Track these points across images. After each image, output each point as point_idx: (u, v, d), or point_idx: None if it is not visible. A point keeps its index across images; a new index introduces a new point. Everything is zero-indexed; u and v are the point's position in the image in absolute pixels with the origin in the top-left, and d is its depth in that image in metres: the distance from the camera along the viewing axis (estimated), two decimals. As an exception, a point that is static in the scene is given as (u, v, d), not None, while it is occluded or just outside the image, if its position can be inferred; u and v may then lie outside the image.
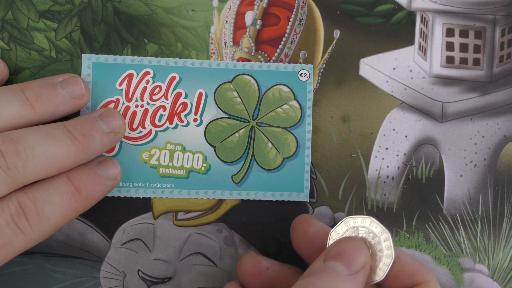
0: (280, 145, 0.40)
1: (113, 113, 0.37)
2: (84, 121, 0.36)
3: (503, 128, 0.42)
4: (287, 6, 0.41)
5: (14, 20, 0.39)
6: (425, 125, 0.42)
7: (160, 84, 0.39)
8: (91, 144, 0.35)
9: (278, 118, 0.40)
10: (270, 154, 0.40)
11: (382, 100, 0.41)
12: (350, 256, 0.33)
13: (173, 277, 0.40)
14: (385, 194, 0.41)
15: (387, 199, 0.41)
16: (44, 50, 0.39)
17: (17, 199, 0.34)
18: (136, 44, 0.40)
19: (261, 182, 0.40)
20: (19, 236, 0.33)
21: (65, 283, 0.40)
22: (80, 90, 0.37)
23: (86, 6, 0.40)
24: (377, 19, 0.41)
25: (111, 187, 0.37)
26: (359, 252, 0.33)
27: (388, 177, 0.41)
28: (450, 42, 0.42)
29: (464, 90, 0.42)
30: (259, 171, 0.40)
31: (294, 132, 0.40)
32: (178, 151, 0.39)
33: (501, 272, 0.42)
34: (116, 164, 0.38)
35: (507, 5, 0.42)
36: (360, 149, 0.41)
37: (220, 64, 0.40)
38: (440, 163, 0.42)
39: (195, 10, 0.40)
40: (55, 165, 0.34)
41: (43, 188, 0.34)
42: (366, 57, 0.41)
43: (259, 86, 0.40)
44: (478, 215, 0.42)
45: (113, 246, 0.40)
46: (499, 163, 0.42)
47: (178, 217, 0.40)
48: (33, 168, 0.33)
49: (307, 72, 0.40)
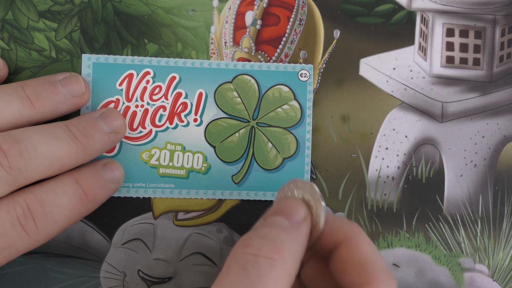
0: (280, 145, 0.40)
1: (113, 113, 0.37)
2: (85, 121, 0.36)
3: (503, 128, 0.42)
4: (287, 6, 0.41)
5: (14, 20, 0.39)
6: (425, 125, 0.42)
7: (160, 84, 0.39)
8: (92, 145, 0.35)
9: (278, 118, 0.40)
10: (270, 154, 0.40)
11: (382, 100, 0.41)
12: (290, 209, 0.32)
13: (173, 277, 0.40)
14: (385, 194, 0.41)
15: (387, 199, 0.41)
16: (44, 50, 0.39)
17: (25, 200, 0.33)
18: (136, 44, 0.40)
19: (261, 182, 0.40)
20: (24, 239, 0.33)
21: (66, 283, 0.40)
22: (80, 89, 0.37)
23: (86, 6, 0.40)
24: (377, 19, 0.41)
25: (114, 191, 0.37)
26: (298, 205, 0.33)
27: (388, 177, 0.41)
28: (450, 42, 0.42)
29: (464, 90, 0.42)
30: (259, 171, 0.40)
31: (294, 132, 0.40)
32: (178, 151, 0.39)
33: (501, 272, 0.42)
34: (120, 167, 0.38)
35: (507, 5, 0.42)
36: (360, 149, 0.41)
37: (220, 64, 0.40)
38: (440, 163, 0.42)
39: (195, 10, 0.40)
40: (57, 165, 0.34)
41: (52, 190, 0.34)
42: (366, 57, 0.41)
43: (259, 86, 0.40)
44: (478, 215, 0.42)
45: (113, 246, 0.40)
46: (499, 163, 0.42)
47: (178, 217, 0.40)
48: (36, 168, 0.33)
49: (307, 72, 0.40)
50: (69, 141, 0.34)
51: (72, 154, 0.35)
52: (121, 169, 0.38)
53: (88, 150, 0.35)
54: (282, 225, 0.31)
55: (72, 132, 0.35)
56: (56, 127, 0.35)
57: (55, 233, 0.34)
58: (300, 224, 0.32)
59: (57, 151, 0.34)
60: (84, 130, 0.35)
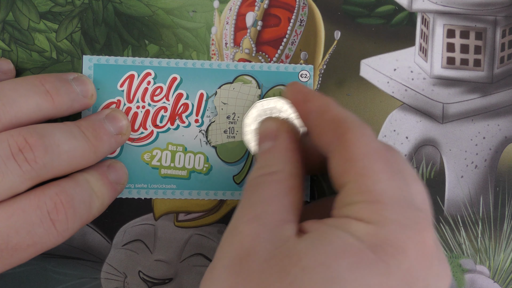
0: (281, 146, 0.40)
1: (119, 114, 0.37)
2: (93, 122, 0.36)
3: (504, 129, 0.42)
4: (287, 7, 0.41)
5: (15, 21, 0.39)
6: (426, 126, 0.42)
7: (161, 85, 0.39)
8: (101, 146, 0.35)
9: (279, 119, 0.40)
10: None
11: (383, 101, 0.41)
12: (263, 131, 0.36)
13: (174, 278, 0.40)
14: (386, 195, 0.41)
15: (388, 200, 0.41)
16: (45, 51, 0.39)
17: (57, 195, 0.33)
18: (137, 45, 0.40)
19: (263, 183, 0.40)
20: (51, 235, 0.33)
21: (66, 284, 0.39)
22: (90, 90, 0.37)
23: (87, 7, 0.40)
24: (378, 20, 0.41)
25: (119, 192, 0.37)
26: (267, 123, 0.36)
27: (389, 178, 0.41)
28: (451, 43, 0.42)
29: (465, 91, 0.42)
30: (260, 172, 0.40)
31: (295, 133, 0.40)
32: (179, 151, 0.39)
33: (502, 273, 0.42)
34: (124, 168, 0.38)
35: (507, 6, 0.42)
36: (361, 150, 0.41)
37: (221, 65, 0.40)
38: (441, 164, 0.42)
39: (195, 11, 0.40)
40: (73, 164, 0.34)
41: (75, 188, 0.34)
42: (366, 58, 0.41)
43: (259, 87, 0.40)
44: (479, 216, 0.42)
45: (114, 247, 0.40)
46: (500, 164, 0.42)
47: (179, 218, 0.40)
48: (57, 165, 0.33)
49: (308, 72, 0.40)
50: (83, 141, 0.34)
51: (85, 155, 0.34)
52: (125, 170, 0.38)
53: (98, 152, 0.35)
54: (266, 147, 0.35)
55: (84, 133, 0.35)
56: (71, 126, 0.35)
57: (76, 231, 0.34)
58: (278, 135, 0.35)
59: (76, 150, 0.34)
60: (94, 131, 0.35)
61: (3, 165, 0.31)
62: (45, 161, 0.32)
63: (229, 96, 0.40)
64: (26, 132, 0.32)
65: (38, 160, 0.32)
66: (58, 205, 0.33)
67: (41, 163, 0.32)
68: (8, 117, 0.33)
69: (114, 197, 0.37)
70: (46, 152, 0.32)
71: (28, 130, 0.33)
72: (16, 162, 0.32)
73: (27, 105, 0.34)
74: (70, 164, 0.34)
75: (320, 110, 0.33)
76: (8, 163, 0.32)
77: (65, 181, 0.34)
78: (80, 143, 0.34)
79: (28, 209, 0.32)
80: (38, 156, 0.32)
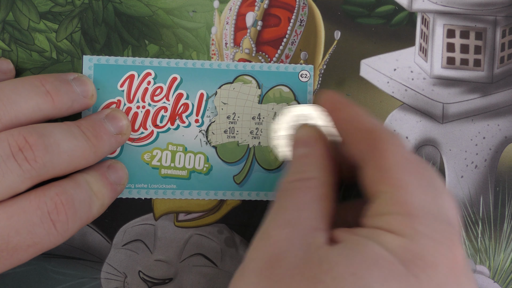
0: (281, 146, 0.40)
1: (119, 114, 0.37)
2: (93, 122, 0.36)
3: (504, 129, 0.42)
4: (287, 7, 0.41)
5: (15, 21, 0.39)
6: (426, 126, 0.42)
7: (161, 85, 0.39)
8: (102, 146, 0.35)
9: (279, 119, 0.40)
10: (271, 154, 0.40)
11: (383, 101, 0.41)
12: (299, 137, 0.36)
13: (174, 278, 0.40)
14: (386, 195, 0.41)
15: (388, 200, 0.41)
16: (45, 51, 0.39)
17: (58, 196, 0.33)
18: (137, 45, 0.40)
19: (263, 183, 0.40)
20: (51, 235, 0.33)
21: (66, 284, 0.39)
22: (91, 90, 0.37)
23: (87, 7, 0.40)
24: (378, 20, 0.41)
25: (119, 192, 0.37)
26: (304, 130, 0.36)
27: (389, 178, 0.41)
28: (451, 43, 0.42)
29: (465, 91, 0.42)
30: (261, 172, 0.40)
31: (295, 133, 0.40)
32: (179, 152, 0.39)
33: (502, 274, 0.42)
34: (124, 168, 0.38)
35: (507, 6, 0.42)
36: (361, 150, 0.41)
37: (221, 65, 0.40)
38: (441, 164, 0.42)
39: (195, 11, 0.40)
40: (74, 164, 0.34)
41: (75, 188, 0.34)
42: (366, 58, 0.41)
43: (259, 87, 0.40)
44: (479, 216, 0.42)
45: (114, 247, 0.40)
46: (500, 164, 0.42)
47: (179, 218, 0.40)
48: (57, 164, 0.33)
49: (308, 72, 0.40)
50: (83, 141, 0.34)
51: (85, 155, 0.34)
52: (125, 170, 0.38)
53: (98, 152, 0.35)
54: (301, 153, 0.35)
55: (84, 133, 0.35)
56: (71, 126, 0.35)
57: (76, 231, 0.34)
58: (315, 142, 0.35)
59: (76, 149, 0.34)
60: (94, 131, 0.35)
61: (3, 165, 0.31)
62: (45, 161, 0.32)
63: (229, 96, 0.40)
64: (26, 132, 0.32)
65: (38, 159, 0.32)
66: (58, 205, 0.33)
67: (41, 163, 0.32)
68: (8, 118, 0.33)
69: (114, 198, 0.37)
70: (46, 152, 0.32)
71: (28, 129, 0.33)
72: (16, 161, 0.32)
73: (27, 106, 0.34)
74: (70, 164, 0.34)
75: (353, 119, 0.33)
76: (8, 163, 0.32)
77: (65, 181, 0.34)
78: (80, 142, 0.34)
79: (29, 210, 0.32)
80: (38, 155, 0.32)
